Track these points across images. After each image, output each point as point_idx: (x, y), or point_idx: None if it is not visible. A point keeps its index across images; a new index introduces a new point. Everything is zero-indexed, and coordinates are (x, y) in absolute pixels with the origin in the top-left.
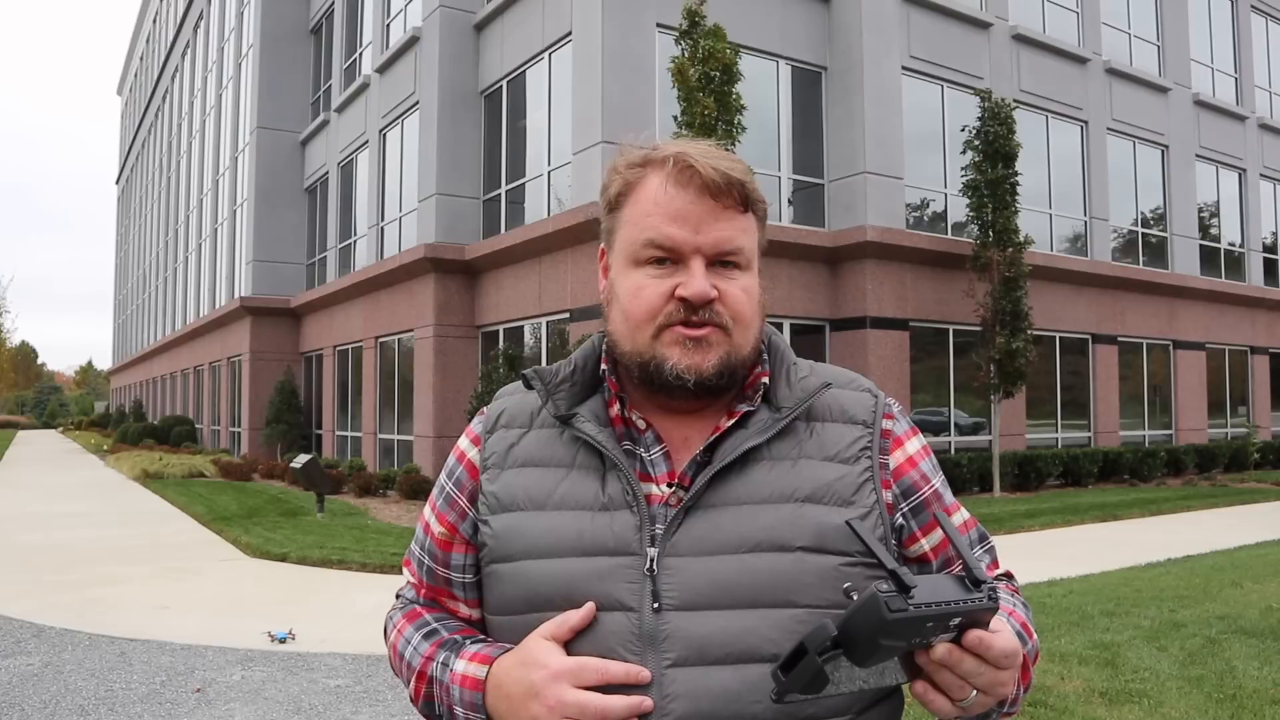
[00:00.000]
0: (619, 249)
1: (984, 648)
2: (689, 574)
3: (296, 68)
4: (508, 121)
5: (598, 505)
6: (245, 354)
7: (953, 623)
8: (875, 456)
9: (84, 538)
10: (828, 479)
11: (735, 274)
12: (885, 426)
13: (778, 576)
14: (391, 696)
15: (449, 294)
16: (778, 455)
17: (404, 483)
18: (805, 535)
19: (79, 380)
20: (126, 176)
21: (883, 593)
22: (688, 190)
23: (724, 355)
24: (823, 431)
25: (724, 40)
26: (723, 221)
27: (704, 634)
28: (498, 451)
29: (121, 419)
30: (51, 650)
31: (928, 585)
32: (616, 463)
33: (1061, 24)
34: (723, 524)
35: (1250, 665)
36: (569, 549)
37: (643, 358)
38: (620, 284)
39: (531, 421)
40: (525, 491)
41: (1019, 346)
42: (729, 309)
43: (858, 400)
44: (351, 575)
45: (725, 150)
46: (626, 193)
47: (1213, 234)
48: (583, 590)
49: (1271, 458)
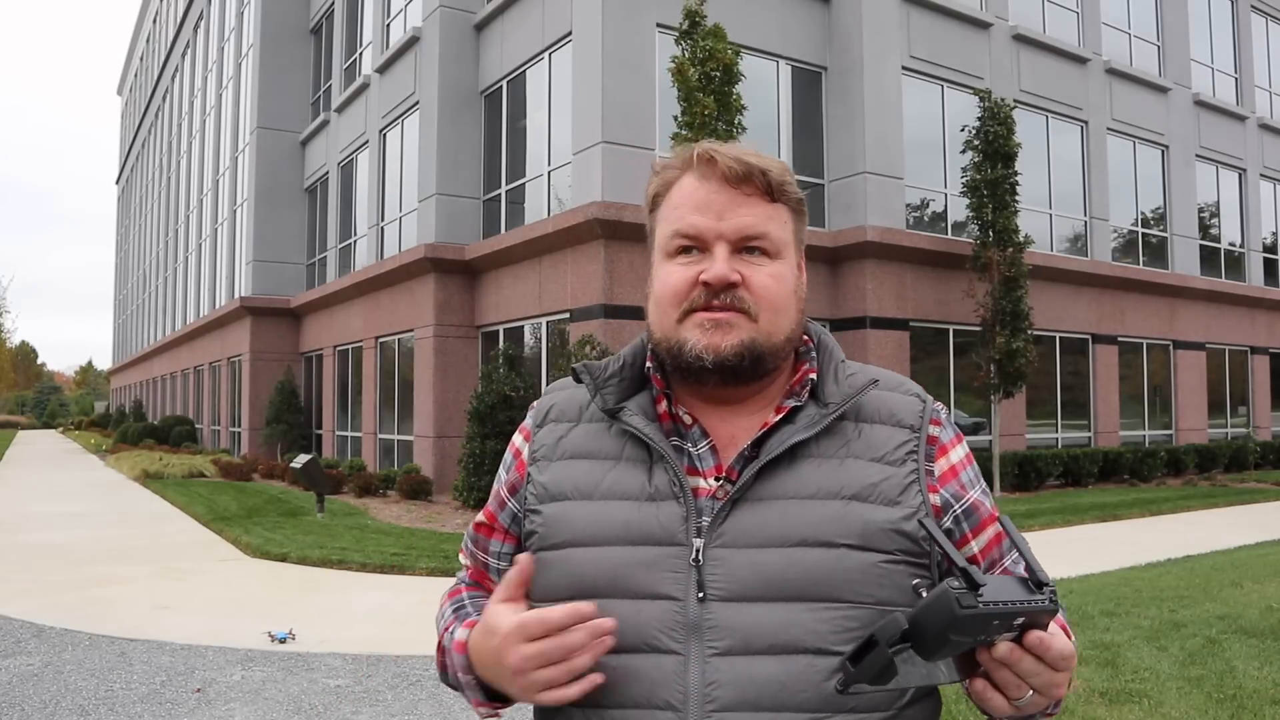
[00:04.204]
0: (656, 246)
1: (1044, 648)
2: (734, 565)
3: (296, 68)
4: (508, 121)
5: (644, 496)
6: (245, 354)
7: (1016, 622)
8: (921, 462)
9: (84, 538)
10: (874, 479)
11: (762, 260)
12: (932, 433)
13: (822, 571)
14: (391, 696)
15: (449, 294)
16: (824, 453)
17: (404, 483)
18: (851, 532)
19: (79, 380)
20: (126, 176)
21: (954, 589)
22: (710, 181)
23: (746, 339)
24: (870, 433)
25: (724, 40)
26: (744, 209)
27: (748, 625)
28: (547, 444)
29: (121, 419)
30: (51, 650)
31: (995, 584)
32: (663, 454)
33: (1061, 24)
34: (769, 518)
35: (1250, 665)
36: (615, 537)
37: (669, 341)
38: (655, 276)
39: (580, 415)
40: (573, 482)
41: (1019, 346)
42: (754, 294)
43: (905, 404)
44: (351, 575)
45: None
46: (662, 193)
47: (1213, 234)
48: (627, 578)
49: (1271, 458)
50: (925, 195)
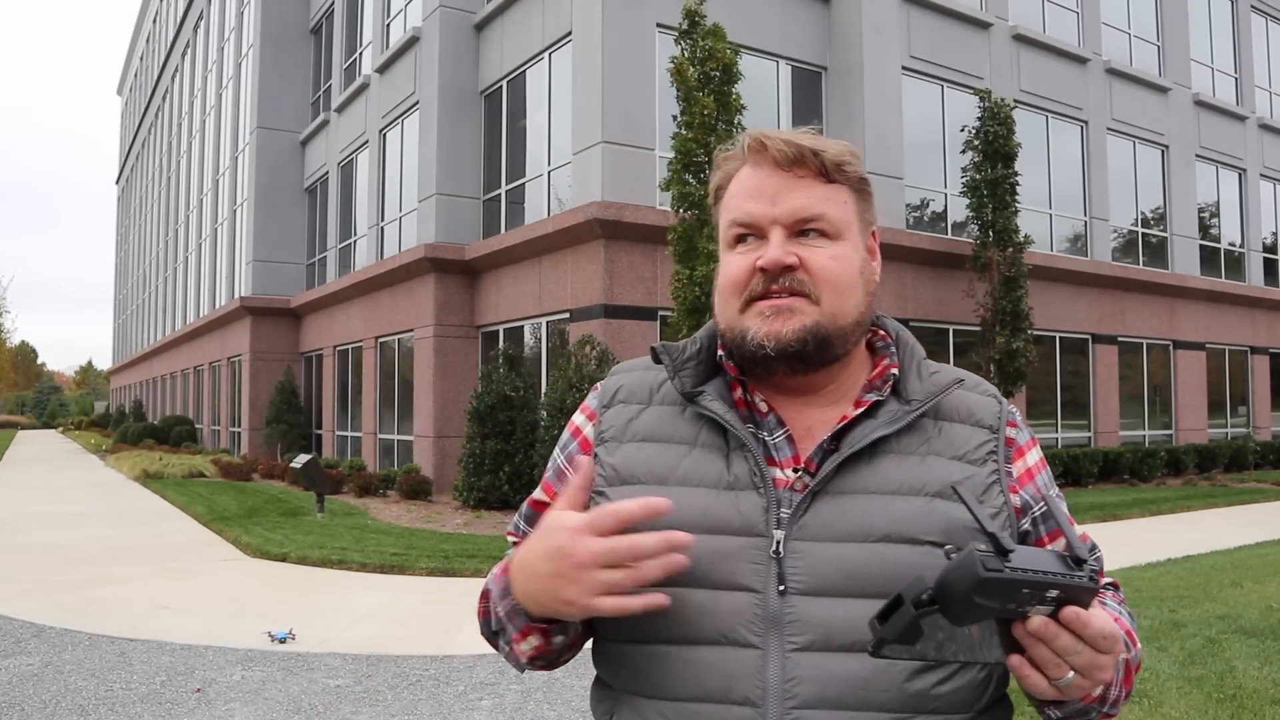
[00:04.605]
0: (720, 239)
1: (1080, 624)
2: (816, 559)
3: (296, 68)
4: (508, 121)
5: (722, 484)
6: (245, 354)
7: (1049, 594)
8: (1000, 463)
9: (84, 538)
10: (956, 477)
11: (821, 242)
12: (1009, 434)
13: (906, 568)
14: (391, 696)
15: (449, 294)
16: (905, 449)
17: (404, 483)
18: (935, 530)
19: (79, 380)
20: (126, 176)
21: (980, 551)
22: (762, 167)
23: (809, 323)
24: (950, 431)
25: (724, 40)
26: (798, 190)
27: (830, 620)
28: (616, 425)
29: (121, 419)
30: (51, 650)
31: (1027, 554)
32: (744, 442)
33: (1061, 24)
34: (851, 512)
35: (1250, 665)
36: (692, 526)
37: (733, 332)
38: (719, 268)
39: (651, 397)
40: (647, 465)
41: (1019, 346)
42: (814, 276)
43: (984, 404)
44: (351, 575)
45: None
46: (723, 185)
47: (1213, 234)
48: (705, 568)
49: (1271, 458)
50: (925, 195)
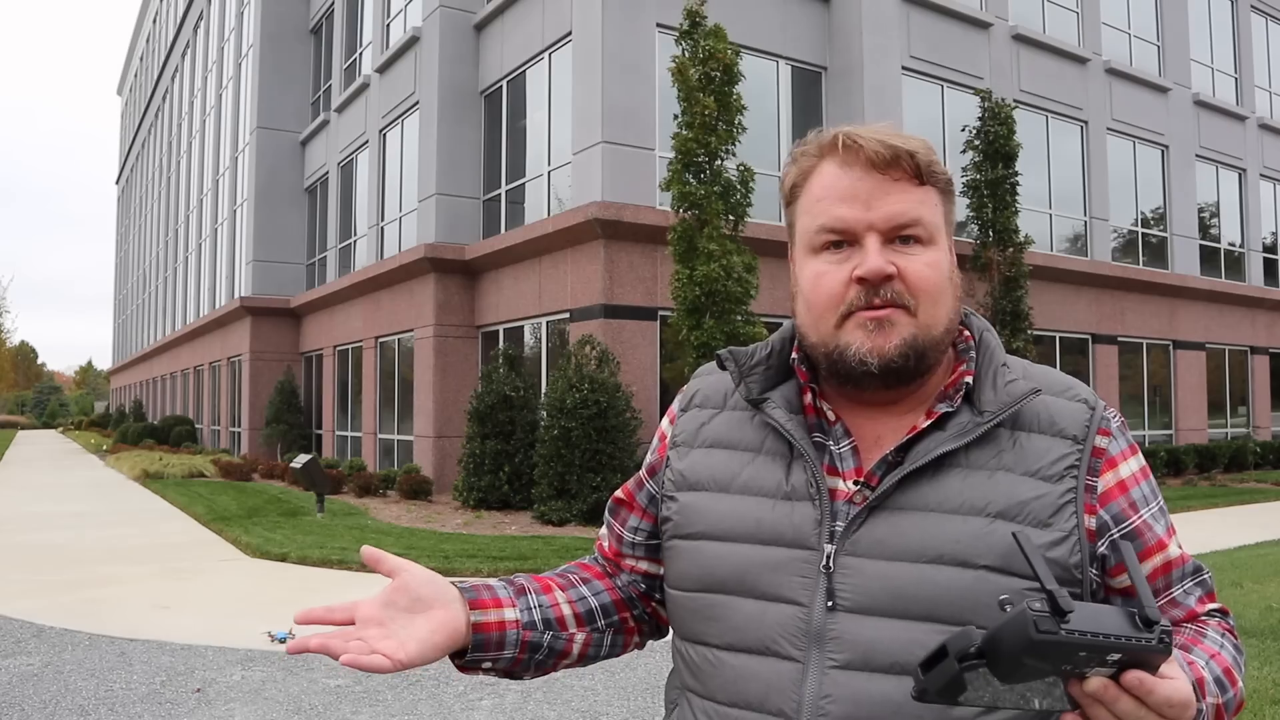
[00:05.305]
0: (798, 240)
1: (1144, 690)
2: (865, 576)
3: (296, 68)
4: (508, 121)
5: (780, 494)
6: (245, 354)
7: (1111, 658)
8: (1081, 478)
9: (84, 538)
10: (1024, 496)
11: (916, 249)
12: (1099, 444)
13: (956, 593)
14: (391, 697)
15: (449, 294)
16: (974, 464)
17: (404, 483)
18: (992, 554)
19: (79, 380)
20: (126, 176)
21: (1034, 611)
22: (855, 168)
23: (909, 336)
24: (1027, 443)
25: (724, 40)
26: (894, 195)
27: (872, 639)
28: (688, 430)
29: (121, 419)
30: (51, 650)
31: (1089, 613)
32: (804, 452)
33: (1061, 24)
34: (907, 529)
35: (1250, 665)
36: (746, 535)
37: (827, 347)
38: (801, 274)
39: (725, 402)
40: (710, 472)
41: (1019, 346)
42: (911, 286)
43: (1070, 411)
44: (351, 575)
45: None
46: (800, 183)
47: (1213, 234)
48: (754, 578)
49: (1271, 458)
50: None
